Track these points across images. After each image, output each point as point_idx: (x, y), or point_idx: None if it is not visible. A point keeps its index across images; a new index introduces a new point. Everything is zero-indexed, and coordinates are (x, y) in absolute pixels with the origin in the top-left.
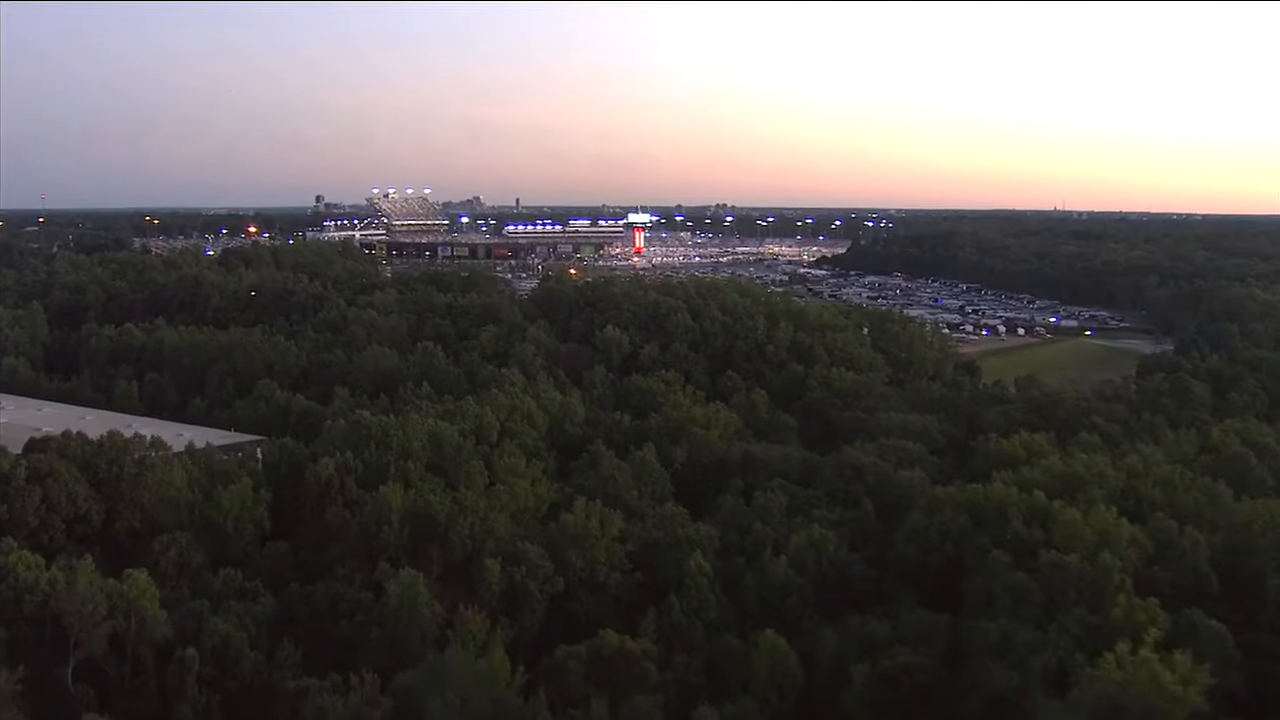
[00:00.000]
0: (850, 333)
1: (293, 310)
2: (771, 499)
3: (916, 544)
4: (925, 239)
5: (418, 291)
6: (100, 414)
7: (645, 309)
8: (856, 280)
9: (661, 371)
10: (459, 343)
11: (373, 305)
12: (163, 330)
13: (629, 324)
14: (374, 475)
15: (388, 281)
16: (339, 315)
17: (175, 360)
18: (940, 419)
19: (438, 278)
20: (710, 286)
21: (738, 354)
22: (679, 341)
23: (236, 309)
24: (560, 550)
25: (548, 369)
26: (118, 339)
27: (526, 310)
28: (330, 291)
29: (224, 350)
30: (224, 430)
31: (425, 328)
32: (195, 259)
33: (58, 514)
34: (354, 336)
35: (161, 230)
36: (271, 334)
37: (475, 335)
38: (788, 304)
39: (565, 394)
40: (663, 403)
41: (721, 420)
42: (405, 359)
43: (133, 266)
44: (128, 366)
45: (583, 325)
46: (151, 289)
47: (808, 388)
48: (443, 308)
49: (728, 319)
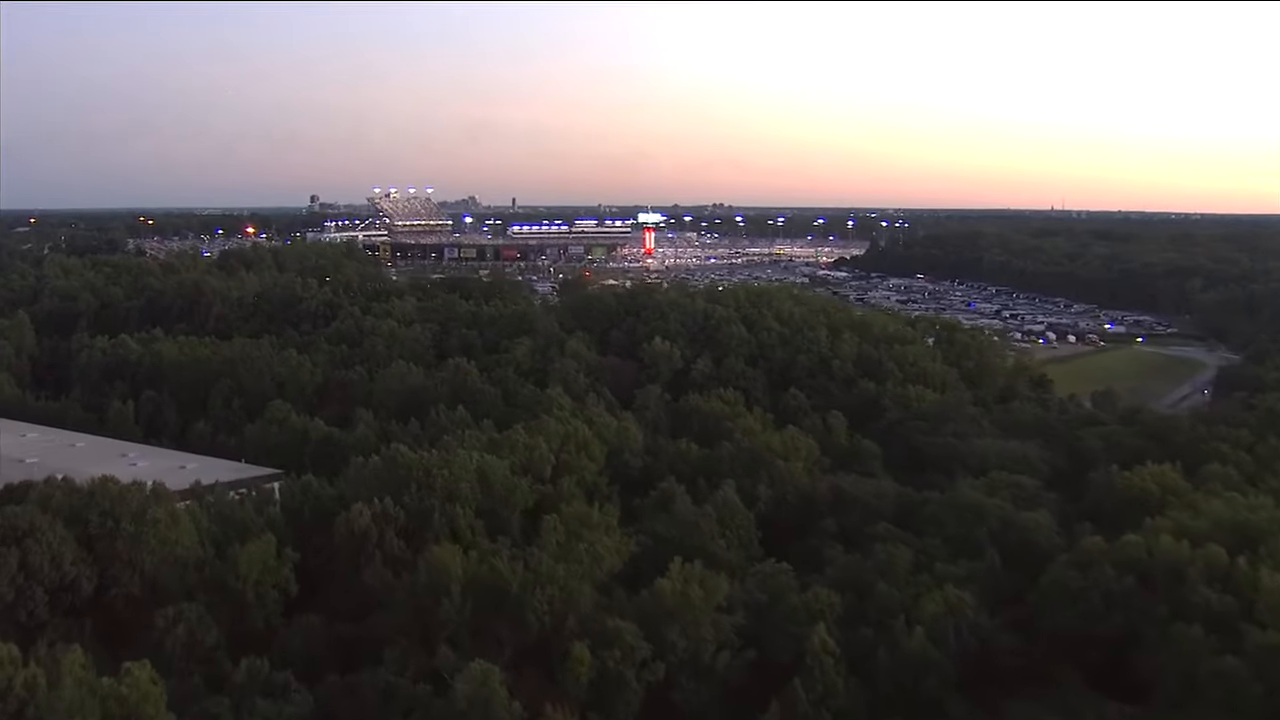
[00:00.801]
0: (919, 345)
1: (301, 319)
2: (895, 553)
3: (1073, 610)
4: (946, 240)
5: (438, 299)
6: (92, 440)
7: (695, 319)
8: (880, 283)
9: (720, 390)
10: (488, 356)
11: (391, 314)
12: (161, 342)
13: (677, 335)
14: (416, 522)
15: (404, 287)
16: (354, 325)
17: (175, 376)
18: (1038, 445)
19: (458, 283)
20: (762, 294)
21: (800, 369)
22: (734, 355)
23: (240, 317)
24: (656, 625)
25: (591, 388)
26: (111, 352)
27: (562, 320)
28: (342, 298)
29: (229, 365)
30: (233, 461)
31: (450, 340)
32: (193, 262)
33: (39, 583)
34: (373, 350)
35: (156, 231)
36: (281, 346)
37: (508, 348)
38: (849, 313)
39: (617, 417)
40: (732, 428)
41: (802, 450)
42: (433, 376)
43: (127, 271)
44: (123, 383)
45: (624, 336)
46: (148, 296)
47: (882, 408)
48: (468, 317)
49: (786, 330)
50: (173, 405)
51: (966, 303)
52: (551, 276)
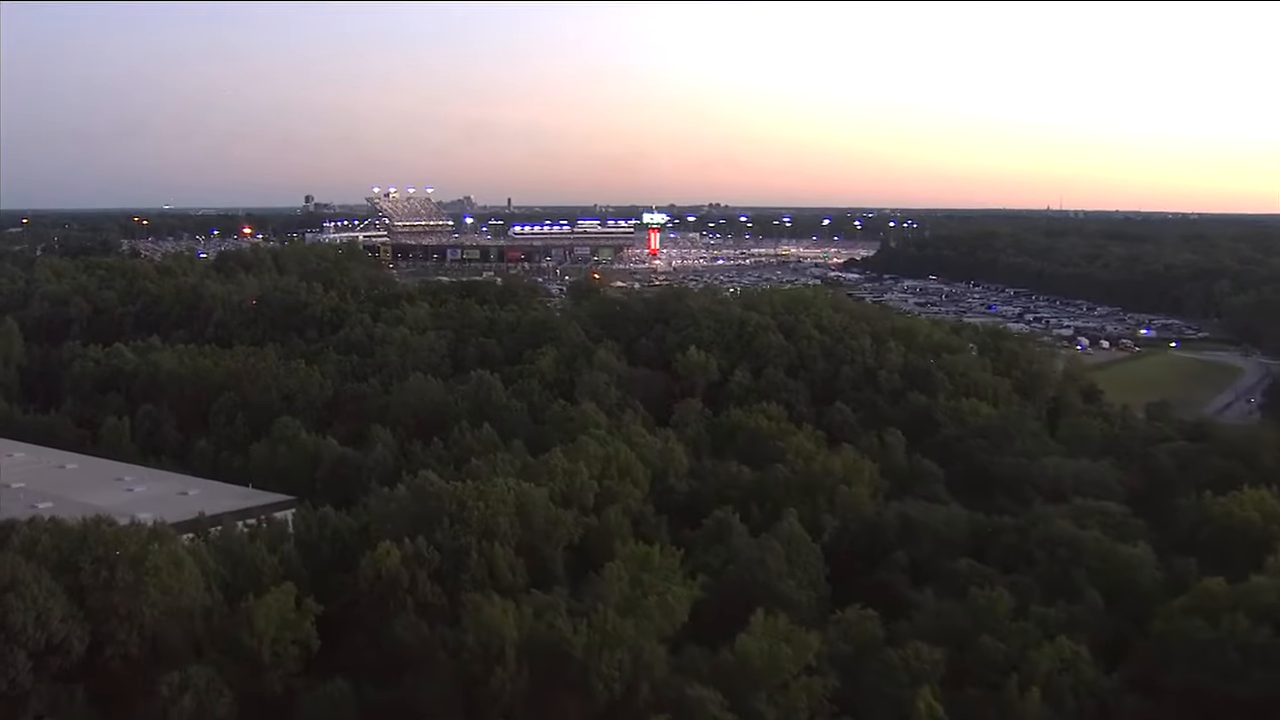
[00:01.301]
0: (966, 354)
1: (306, 325)
2: (994, 597)
3: (1203, 665)
4: (958, 240)
5: (450, 304)
6: (85, 461)
7: (729, 326)
8: (893, 285)
9: (762, 404)
10: (509, 367)
11: (403, 321)
12: (158, 351)
13: (711, 344)
14: (449, 562)
15: (414, 292)
16: (364, 333)
17: (174, 389)
18: (1112, 466)
19: (471, 287)
20: (797, 299)
21: (844, 381)
22: (773, 366)
23: (241, 324)
24: (741, 692)
25: (623, 402)
26: (105, 362)
27: (586, 327)
28: (350, 304)
29: (232, 377)
30: (239, 485)
31: (468, 349)
32: (190, 264)
33: (22, 645)
34: (386, 360)
35: (150, 231)
36: (286, 356)
37: (531, 359)
38: (892, 320)
39: (654, 434)
40: (783, 449)
41: (865, 473)
42: (453, 390)
43: (122, 274)
44: (117, 395)
45: (653, 346)
46: (144, 300)
47: (935, 423)
48: (484, 324)
49: (826, 338)
50: (172, 420)
51: (987, 305)
52: (558, 278)
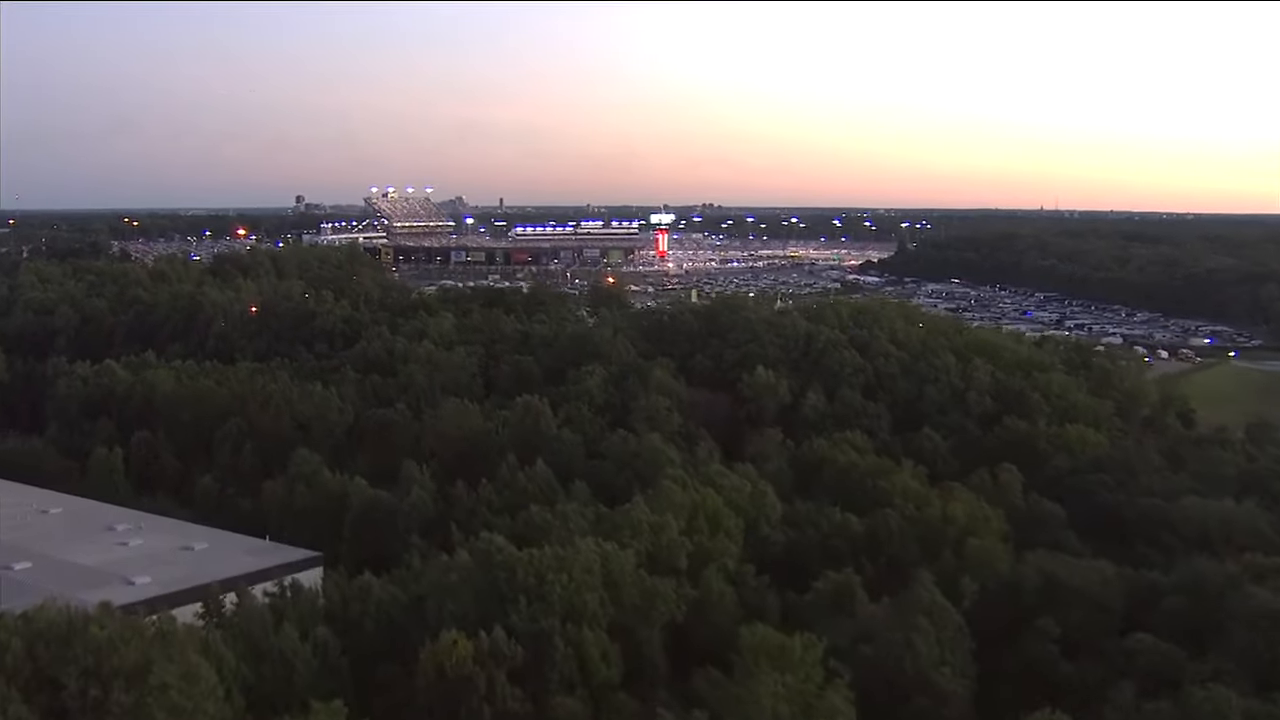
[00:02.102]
0: (1058, 372)
1: (316, 338)
2: (1219, 701)
3: None
4: (979, 242)
5: (475, 314)
6: (71, 503)
7: (795, 342)
8: (915, 288)
9: (845, 433)
10: (550, 388)
11: (426, 334)
12: (154, 369)
13: (776, 362)
14: (530, 653)
15: (433, 301)
16: (383, 348)
17: (172, 412)
18: (1258, 507)
19: (495, 295)
20: (865, 310)
21: (928, 404)
22: (848, 387)
23: (243, 336)
24: None
25: (688, 431)
26: (94, 381)
27: (633, 341)
28: (363, 313)
29: (238, 400)
30: (254, 537)
31: (501, 367)
32: (185, 268)
33: None
34: (412, 380)
35: (141, 232)
36: (296, 372)
37: (576, 379)
38: (969, 333)
39: (735, 472)
40: (888, 489)
41: (992, 521)
42: (493, 417)
43: (112, 279)
44: (108, 419)
45: (710, 363)
46: (136, 310)
47: (1039, 454)
48: (517, 338)
49: (904, 355)
50: (169, 449)
51: (1021, 310)
52: (568, 281)
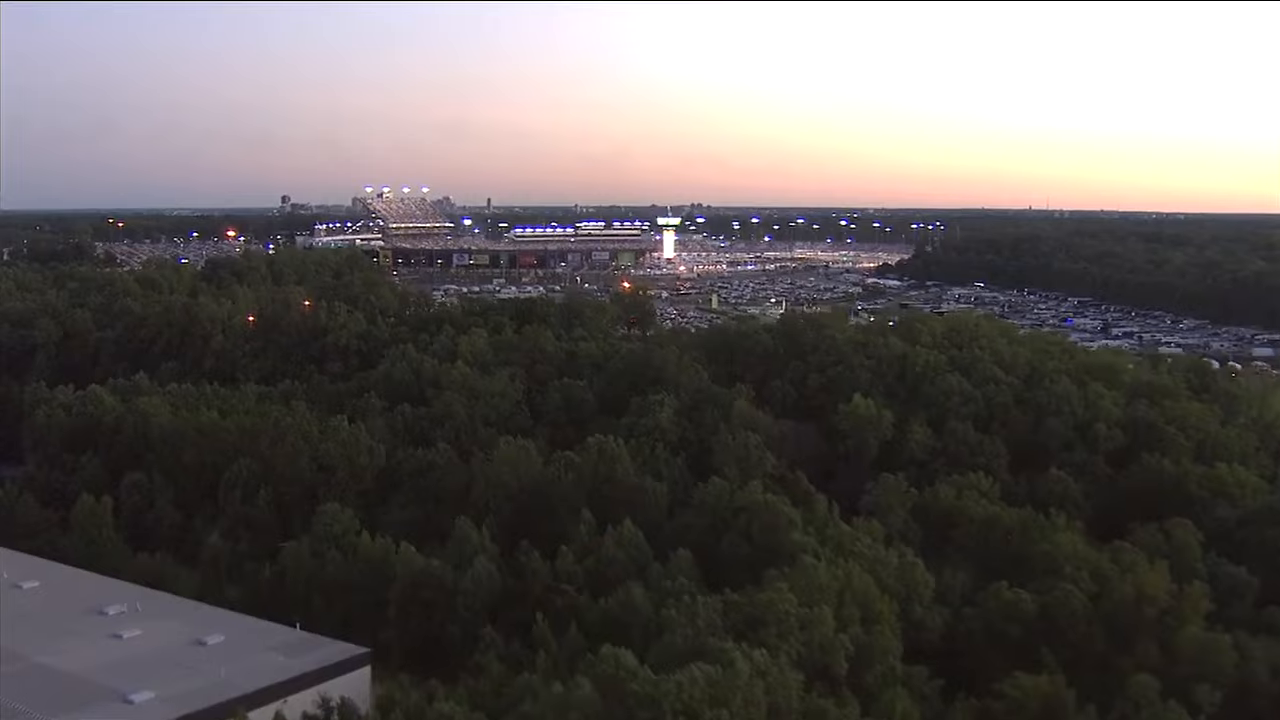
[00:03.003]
0: (1192, 400)
1: (329, 356)
2: None
3: None
4: (1001, 244)
5: (507, 330)
6: (50, 571)
7: (888, 364)
8: (940, 292)
9: (965, 475)
10: (608, 419)
11: (457, 354)
12: (147, 396)
13: (869, 387)
14: None
15: (458, 314)
16: (409, 370)
17: (170, 450)
18: None
19: (526, 307)
20: (959, 326)
21: (1048, 437)
22: (955, 417)
23: (246, 354)
24: None
25: (781, 475)
26: (79, 410)
27: (699, 363)
28: (381, 328)
29: (248, 437)
30: (280, 625)
31: (550, 396)
32: (176, 274)
33: None
34: (450, 411)
35: (126, 234)
36: (312, 398)
37: (641, 410)
38: (1081, 354)
39: (861, 531)
40: (1053, 554)
41: (1195, 599)
42: (556, 461)
43: (98, 287)
44: (94, 456)
45: (792, 390)
46: (125, 322)
47: (1192, 501)
48: (561, 358)
49: (1014, 379)
50: (167, 495)
51: (1061, 318)
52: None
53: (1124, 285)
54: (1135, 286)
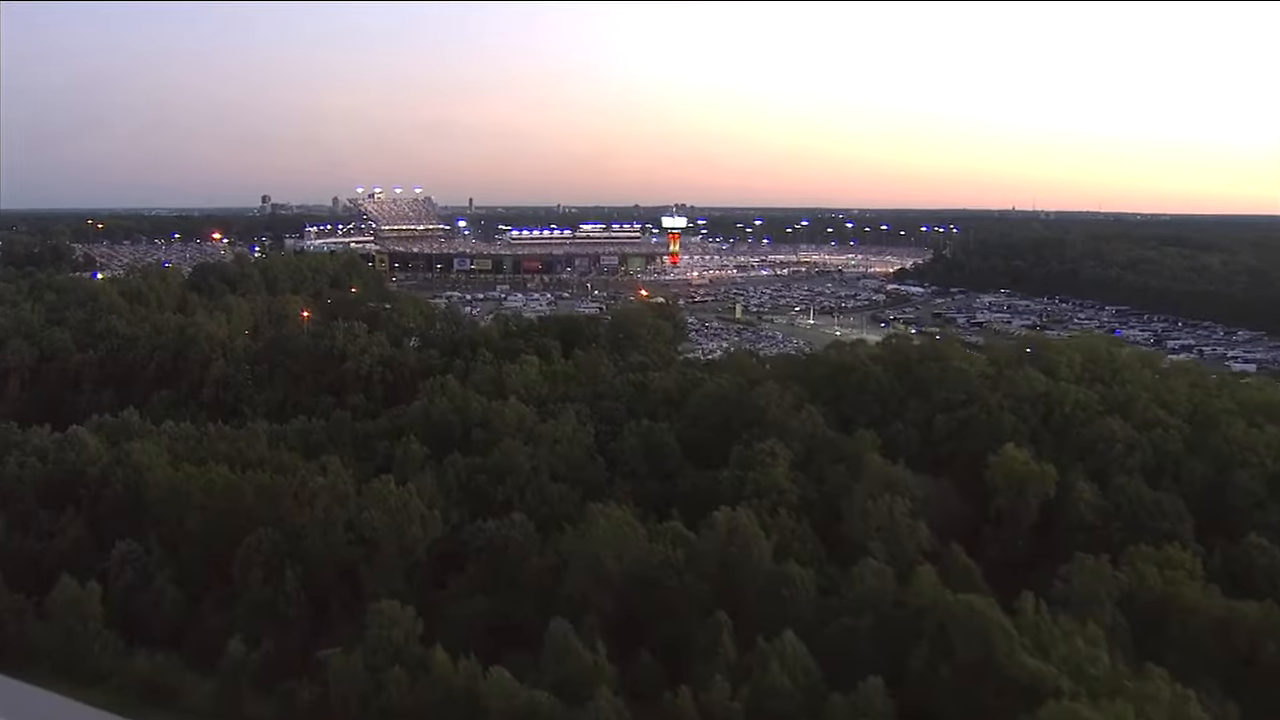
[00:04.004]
0: None
1: (348, 384)
2: None
3: None
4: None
5: (555, 357)
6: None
7: (1032, 404)
8: (968, 299)
9: (1164, 549)
10: (703, 472)
11: (507, 386)
12: (140, 442)
13: (1011, 433)
14: None
15: (495, 333)
16: (450, 406)
17: (170, 513)
18: None
19: (569, 326)
20: (1096, 355)
21: (1238, 494)
22: (1120, 469)
23: (251, 381)
24: None
25: (938, 551)
26: (58, 458)
27: (797, 395)
28: (407, 353)
29: (266, 496)
30: None
31: (625, 440)
32: (163, 282)
33: None
34: (512, 462)
35: (105, 235)
36: (341, 445)
37: (748, 462)
38: (1243, 388)
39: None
40: None
41: None
42: (662, 537)
43: (78, 301)
44: (77, 517)
45: (916, 434)
46: (110, 344)
47: None
48: (629, 391)
49: (1179, 421)
50: (168, 570)
51: (1109, 329)
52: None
53: (1165, 294)
54: (1178, 295)
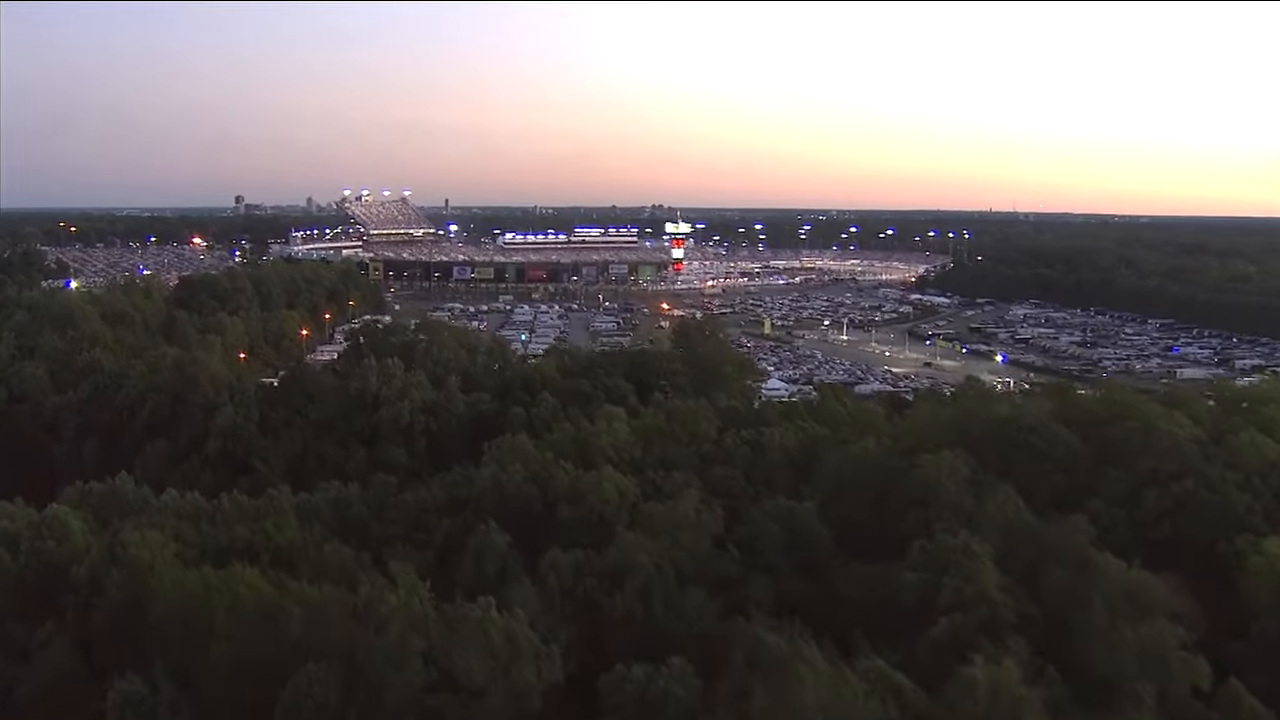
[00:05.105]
0: None
1: (382, 435)
2: None
3: None
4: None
5: (630, 400)
6: None
7: (1259, 476)
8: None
9: None
10: (866, 566)
11: (591, 446)
12: (138, 532)
13: (1246, 514)
14: None
15: (551, 370)
16: (525, 474)
17: (183, 635)
18: None
19: (637, 360)
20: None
21: None
22: None
23: (265, 433)
24: None
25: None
26: (34, 549)
27: (973, 469)
28: (454, 399)
29: (316, 619)
30: None
31: (757, 525)
32: (147, 299)
33: None
34: (632, 560)
35: (79, 238)
36: (384, 514)
37: (929, 559)
38: None
39: None
40: None
41: None
42: (843, 680)
43: (53, 322)
44: (60, 632)
45: (1121, 514)
46: (94, 383)
47: None
48: (745, 453)
49: None
50: (184, 718)
51: (1165, 346)
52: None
53: (1211, 306)
54: (1226, 308)
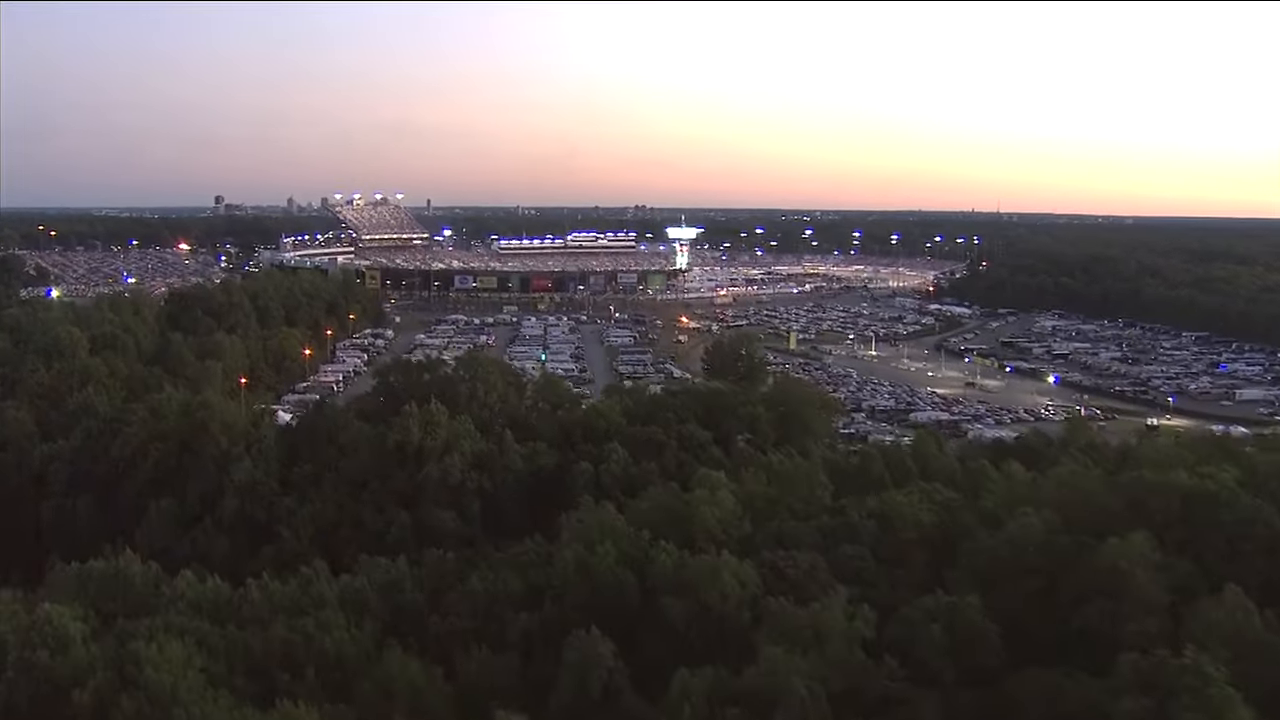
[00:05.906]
0: None
1: (427, 496)
2: None
3: None
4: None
5: (713, 452)
6: None
7: None
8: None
9: None
10: (1054, 676)
11: (688, 519)
12: (151, 646)
13: None
14: None
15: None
16: (617, 555)
17: None
18: None
19: (712, 403)
20: None
21: None
22: None
23: (286, 490)
24: None
25: None
26: (24, 664)
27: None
28: (508, 451)
29: None
30: None
31: (918, 624)
32: (136, 314)
33: None
34: (780, 682)
35: (59, 241)
36: (444, 615)
37: (1151, 675)
38: None
39: None
40: None
41: None
42: None
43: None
44: None
45: None
46: (88, 429)
47: None
48: (870, 528)
49: None
50: None
51: (1213, 363)
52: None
53: (1248, 317)
54: (1266, 320)
